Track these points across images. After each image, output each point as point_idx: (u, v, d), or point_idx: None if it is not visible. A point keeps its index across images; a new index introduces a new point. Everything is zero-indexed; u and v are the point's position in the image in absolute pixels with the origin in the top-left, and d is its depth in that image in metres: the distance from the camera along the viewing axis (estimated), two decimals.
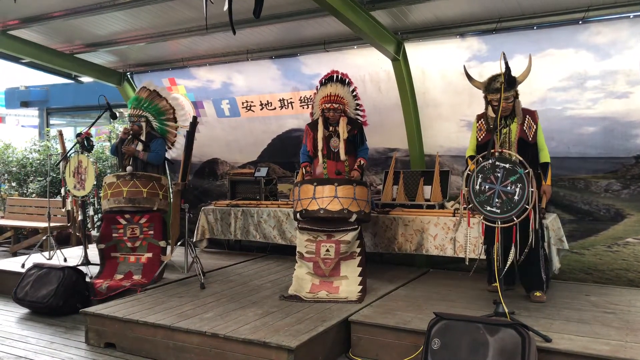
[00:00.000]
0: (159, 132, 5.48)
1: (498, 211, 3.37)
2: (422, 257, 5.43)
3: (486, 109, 4.10)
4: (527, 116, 4.08)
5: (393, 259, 5.62)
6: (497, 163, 3.41)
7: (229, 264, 5.75)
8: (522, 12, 4.79)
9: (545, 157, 4.10)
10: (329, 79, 4.95)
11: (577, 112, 4.93)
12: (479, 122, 4.21)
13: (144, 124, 5.34)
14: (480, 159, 3.51)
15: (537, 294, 4.03)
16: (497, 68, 3.78)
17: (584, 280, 4.97)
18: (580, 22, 4.67)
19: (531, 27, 4.87)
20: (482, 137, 4.17)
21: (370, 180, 6.12)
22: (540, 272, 4.05)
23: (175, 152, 5.67)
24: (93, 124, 5.75)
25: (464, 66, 4.34)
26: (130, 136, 5.36)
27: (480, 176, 3.45)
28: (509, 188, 3.35)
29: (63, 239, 7.69)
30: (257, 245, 6.41)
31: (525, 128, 4.04)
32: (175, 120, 5.55)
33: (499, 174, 3.38)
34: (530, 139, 4.04)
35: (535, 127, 4.07)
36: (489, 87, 3.99)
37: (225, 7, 2.97)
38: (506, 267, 3.41)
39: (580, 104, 4.92)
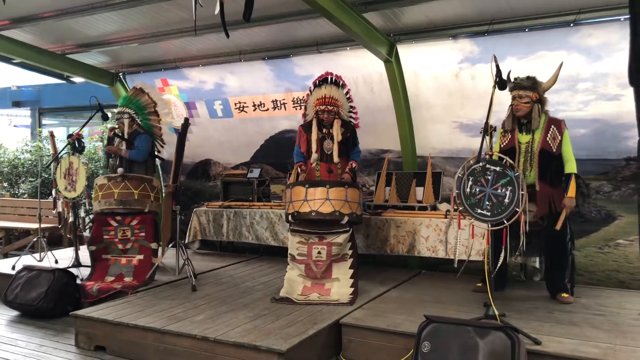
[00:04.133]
0: (145, 128, 5.44)
1: (488, 214, 3.37)
2: (415, 259, 5.43)
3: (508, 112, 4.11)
4: (553, 126, 3.98)
5: (386, 260, 5.62)
6: (487, 166, 3.41)
7: (221, 265, 5.74)
8: (514, 14, 4.80)
9: (570, 168, 3.98)
10: (323, 81, 4.96)
11: (568, 114, 4.93)
12: (503, 127, 4.16)
13: (126, 121, 5.30)
14: (471, 161, 3.51)
15: (564, 295, 4.06)
16: (489, 70, 3.78)
17: (576, 281, 4.98)
18: (571, 25, 4.68)
19: (523, 29, 4.88)
20: (505, 143, 4.12)
21: (363, 182, 6.12)
22: (565, 276, 4.08)
23: (166, 152, 5.64)
24: (84, 125, 5.72)
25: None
26: (118, 135, 5.33)
27: (471, 179, 3.45)
28: (499, 191, 3.35)
29: (55, 240, 7.65)
30: (250, 246, 6.39)
31: (549, 139, 3.96)
32: (157, 113, 5.50)
33: (489, 177, 3.39)
34: (554, 150, 3.95)
35: (560, 138, 3.96)
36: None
37: (217, 10, 2.94)
38: (496, 269, 3.42)
39: (572, 106, 4.94)
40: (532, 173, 4.02)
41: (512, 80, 4.07)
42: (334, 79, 4.92)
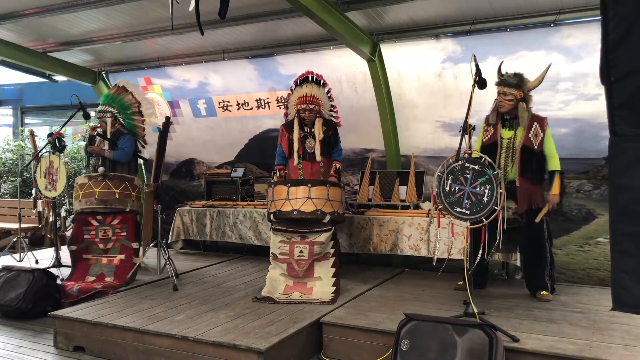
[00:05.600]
0: (128, 128, 5.39)
1: (468, 212, 3.39)
2: (399, 258, 5.45)
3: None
4: (535, 123, 3.99)
5: (370, 259, 5.63)
6: (466, 164, 3.43)
7: (203, 265, 5.70)
8: (495, 15, 4.84)
9: (554, 165, 4.00)
10: (304, 80, 4.94)
11: (549, 113, 4.95)
12: (487, 121, 4.19)
13: (109, 120, 5.25)
14: (451, 160, 3.53)
15: (544, 292, 4.08)
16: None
17: (557, 279, 5.01)
18: (552, 25, 4.73)
19: (504, 29, 4.92)
20: (487, 137, 4.15)
21: (347, 181, 6.13)
22: (545, 274, 4.10)
23: (149, 152, 5.60)
24: (65, 124, 5.68)
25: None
26: (100, 134, 5.28)
27: (450, 177, 3.47)
28: (478, 189, 3.37)
29: (37, 240, 7.56)
30: (234, 246, 6.37)
31: (530, 135, 3.97)
32: (141, 114, 5.45)
33: (468, 176, 3.40)
34: (535, 147, 3.96)
35: (542, 135, 3.97)
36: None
37: (191, 7, 2.92)
38: (473, 267, 3.44)
39: (553, 106, 4.98)
40: (513, 169, 4.04)
41: (501, 74, 4.10)
42: (314, 77, 4.91)
